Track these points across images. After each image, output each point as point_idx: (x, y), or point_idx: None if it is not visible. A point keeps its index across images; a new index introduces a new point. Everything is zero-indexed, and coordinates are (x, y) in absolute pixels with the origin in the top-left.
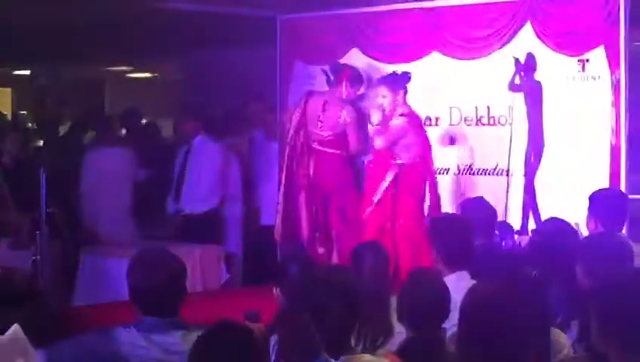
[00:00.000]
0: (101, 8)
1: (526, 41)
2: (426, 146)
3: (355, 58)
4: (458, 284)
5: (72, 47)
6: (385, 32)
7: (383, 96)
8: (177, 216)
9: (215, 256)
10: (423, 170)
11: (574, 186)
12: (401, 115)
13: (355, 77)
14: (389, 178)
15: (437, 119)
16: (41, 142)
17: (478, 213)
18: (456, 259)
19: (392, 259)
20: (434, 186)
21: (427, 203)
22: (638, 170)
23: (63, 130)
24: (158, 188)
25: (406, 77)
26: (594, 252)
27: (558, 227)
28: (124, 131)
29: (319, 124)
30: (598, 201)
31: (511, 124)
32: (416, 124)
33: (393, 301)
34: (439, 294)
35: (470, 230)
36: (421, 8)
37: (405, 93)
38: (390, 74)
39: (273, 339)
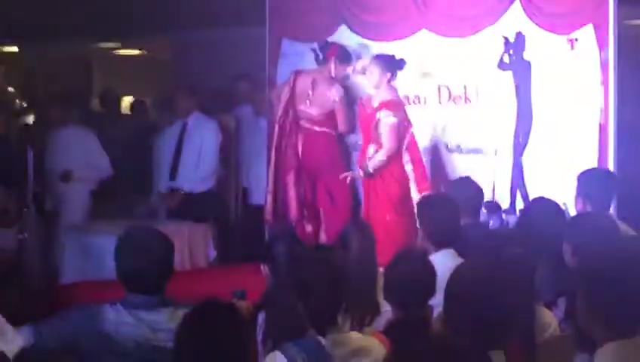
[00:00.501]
0: None
1: (515, 19)
2: (405, 137)
3: (344, 36)
4: (444, 263)
5: (60, 24)
6: (373, 9)
7: (370, 73)
8: (173, 193)
9: (203, 234)
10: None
11: (562, 166)
12: (383, 103)
13: (344, 55)
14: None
15: (425, 98)
16: (29, 120)
17: (465, 192)
18: (442, 237)
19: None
20: (420, 170)
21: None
22: None
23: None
24: (146, 165)
25: (401, 63)
26: (581, 231)
27: (546, 206)
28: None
29: (308, 102)
30: (586, 181)
31: (500, 103)
32: (399, 111)
33: (380, 279)
34: (425, 272)
35: (457, 209)
36: None
37: (392, 77)
38: (387, 55)
39: (261, 317)
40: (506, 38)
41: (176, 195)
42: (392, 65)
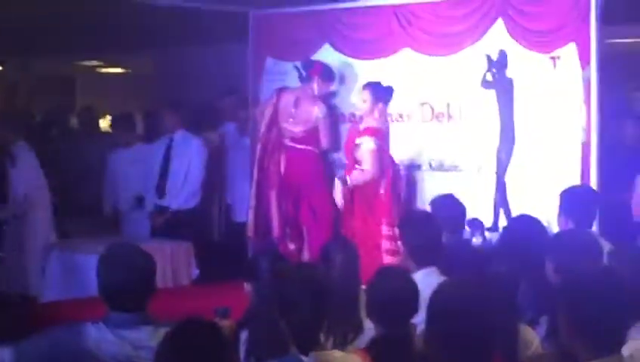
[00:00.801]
0: (72, 2)
1: (498, 37)
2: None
3: (328, 54)
4: (427, 280)
5: (42, 41)
6: (357, 28)
7: (363, 101)
8: (161, 212)
9: (185, 252)
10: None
11: (545, 183)
12: (369, 129)
13: (327, 73)
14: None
15: (408, 116)
16: None
17: (447, 209)
18: (425, 255)
19: None
20: (396, 193)
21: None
22: None
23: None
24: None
25: (390, 92)
26: (563, 249)
27: (528, 224)
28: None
29: (291, 120)
30: (569, 199)
31: (482, 120)
32: (381, 141)
33: (363, 297)
34: (408, 290)
35: (439, 226)
36: (393, 5)
37: (385, 106)
38: (377, 83)
39: (243, 335)
40: (488, 56)
41: (164, 214)
42: (383, 93)
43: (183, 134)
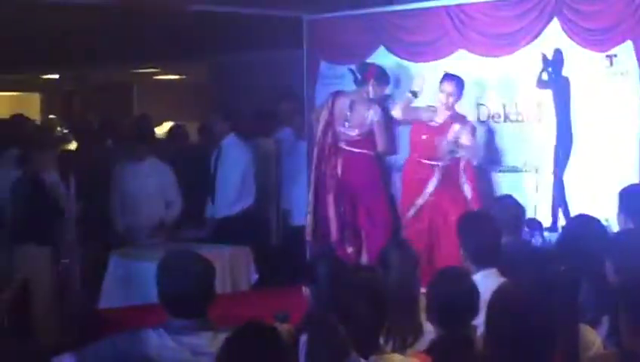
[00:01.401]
0: (127, 10)
1: (553, 37)
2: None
3: (382, 57)
4: (486, 282)
5: (98, 50)
6: (411, 30)
7: (449, 95)
8: (213, 219)
9: (244, 257)
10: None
11: (604, 183)
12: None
13: (382, 76)
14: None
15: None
16: (71, 146)
17: (506, 210)
18: (484, 256)
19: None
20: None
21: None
22: None
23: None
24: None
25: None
26: (623, 249)
27: (588, 223)
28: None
29: (346, 123)
30: (628, 198)
31: (539, 120)
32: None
33: (422, 299)
34: (468, 292)
35: (498, 227)
36: (447, 6)
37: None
38: (455, 75)
39: (302, 340)
40: (544, 56)
41: (213, 221)
42: (462, 85)
43: (232, 139)
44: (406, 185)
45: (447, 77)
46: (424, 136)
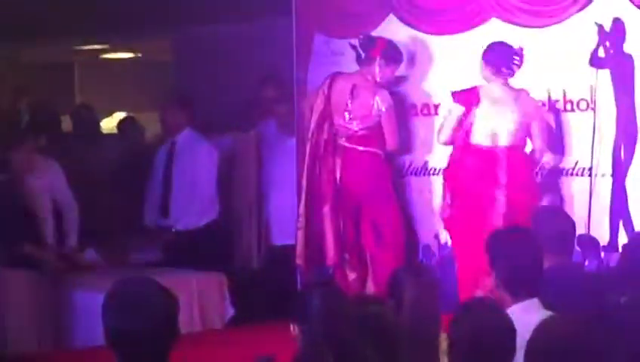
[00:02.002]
0: None
1: (612, 2)
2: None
3: (393, 29)
4: (526, 316)
5: (30, 21)
6: None
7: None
8: (165, 233)
9: (217, 286)
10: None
11: None
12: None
13: (392, 53)
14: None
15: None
16: None
17: (552, 225)
18: (522, 284)
19: None
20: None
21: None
22: None
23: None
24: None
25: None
26: None
27: None
28: None
29: (347, 114)
30: None
31: (594, 109)
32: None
33: (443, 340)
34: (501, 330)
35: (540, 247)
36: None
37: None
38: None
39: None
40: (600, 26)
41: (167, 235)
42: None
43: (189, 135)
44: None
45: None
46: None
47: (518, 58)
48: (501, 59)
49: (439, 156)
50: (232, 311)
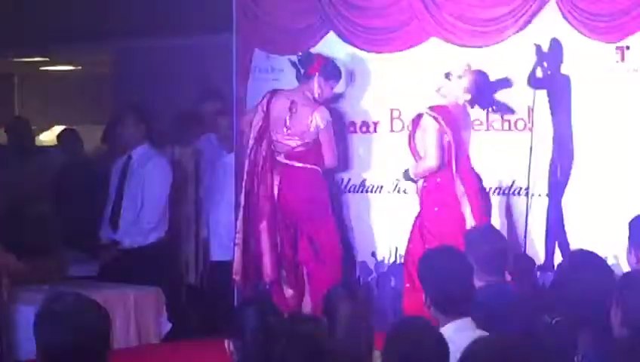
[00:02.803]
0: None
1: (550, 23)
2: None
3: (332, 46)
4: (458, 336)
5: None
6: (370, 12)
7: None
8: (109, 249)
9: (154, 301)
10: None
11: (612, 209)
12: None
13: (331, 70)
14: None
15: None
16: None
17: (485, 244)
18: (452, 303)
19: None
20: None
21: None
22: None
23: None
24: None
25: None
26: (635, 293)
27: (589, 261)
28: None
29: (286, 130)
30: None
31: (531, 129)
32: None
33: (377, 359)
34: (434, 349)
35: (470, 266)
36: None
37: None
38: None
39: None
40: (538, 47)
41: (110, 251)
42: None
43: (144, 150)
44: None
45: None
46: None
47: None
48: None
49: (377, 174)
50: (168, 326)
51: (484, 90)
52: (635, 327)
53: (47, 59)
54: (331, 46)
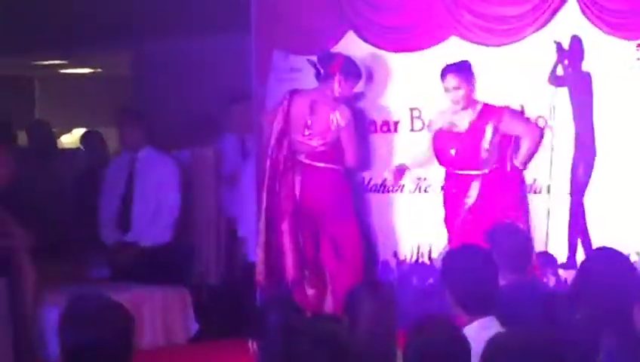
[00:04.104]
0: None
1: (570, 21)
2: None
3: (352, 45)
4: (482, 334)
5: None
6: (389, 11)
7: (455, 89)
8: (129, 248)
9: (181, 301)
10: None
11: (635, 207)
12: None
13: (351, 69)
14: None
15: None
16: None
17: (508, 242)
18: (477, 302)
19: None
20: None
21: None
22: None
23: None
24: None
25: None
26: None
27: (612, 259)
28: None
29: (306, 130)
30: None
31: (552, 127)
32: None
33: (399, 358)
34: (456, 349)
35: (495, 265)
36: None
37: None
38: (458, 62)
39: None
40: (559, 45)
41: (129, 251)
42: (469, 68)
43: (149, 152)
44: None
45: (449, 69)
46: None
47: None
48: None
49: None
50: (196, 327)
51: None
52: None
53: (66, 61)
54: (351, 45)
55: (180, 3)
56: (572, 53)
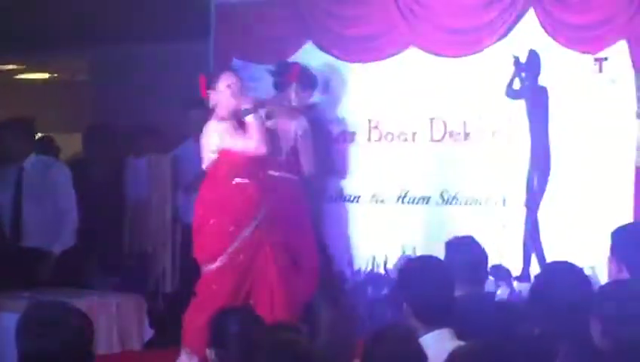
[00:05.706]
0: None
1: (528, 34)
2: None
3: (310, 55)
4: (438, 346)
5: None
6: (348, 21)
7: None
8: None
9: (136, 307)
10: None
11: (590, 220)
12: None
13: (307, 78)
14: None
15: (414, 134)
16: None
17: (463, 254)
18: (433, 313)
19: None
20: None
21: None
22: None
23: None
24: None
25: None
26: (614, 305)
27: (568, 272)
28: None
29: None
30: (622, 239)
31: (509, 140)
32: None
33: None
34: (413, 358)
35: (451, 276)
36: None
37: None
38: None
39: None
40: (516, 58)
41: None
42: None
43: (37, 160)
44: None
45: None
46: None
47: None
48: None
49: (354, 183)
50: (150, 333)
51: None
52: (617, 338)
53: (23, 67)
54: (309, 55)
55: (140, 9)
56: (529, 66)
